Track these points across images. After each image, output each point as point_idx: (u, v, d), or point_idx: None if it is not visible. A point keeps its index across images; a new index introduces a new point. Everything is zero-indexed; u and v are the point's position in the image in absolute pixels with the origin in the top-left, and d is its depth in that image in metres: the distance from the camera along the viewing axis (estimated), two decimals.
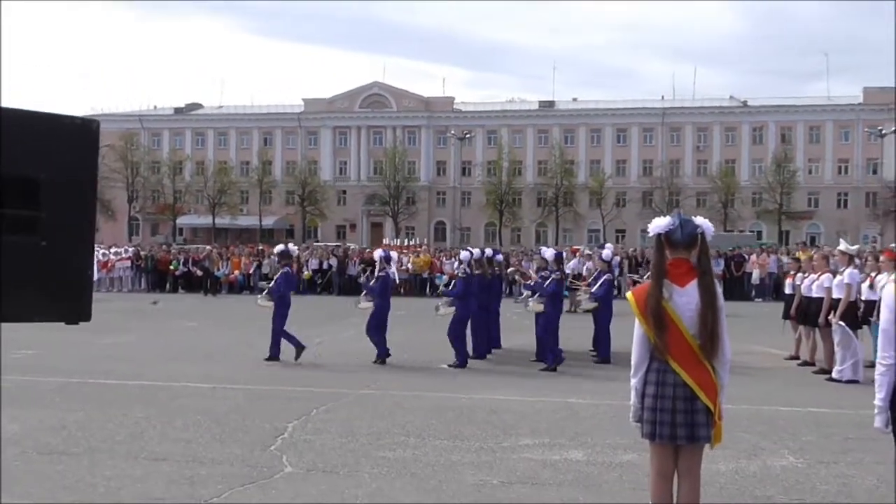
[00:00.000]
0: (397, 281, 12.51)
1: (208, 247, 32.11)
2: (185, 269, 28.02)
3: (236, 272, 28.04)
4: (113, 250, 29.52)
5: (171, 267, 28.25)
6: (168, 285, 28.26)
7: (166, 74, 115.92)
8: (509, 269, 14.21)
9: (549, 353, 10.93)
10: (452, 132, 62.26)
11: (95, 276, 17.55)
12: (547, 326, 10.98)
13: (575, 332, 13.97)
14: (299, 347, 11.49)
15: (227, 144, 70.83)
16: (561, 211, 62.90)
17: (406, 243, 35.90)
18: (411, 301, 24.15)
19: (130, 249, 30.93)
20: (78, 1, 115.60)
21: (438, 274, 26.28)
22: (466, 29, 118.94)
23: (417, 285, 27.47)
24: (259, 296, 12.67)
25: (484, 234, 65.13)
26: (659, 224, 4.00)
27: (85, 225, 2.48)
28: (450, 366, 11.16)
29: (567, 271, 20.53)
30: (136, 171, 66.53)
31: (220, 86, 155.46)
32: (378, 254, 12.40)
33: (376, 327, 11.51)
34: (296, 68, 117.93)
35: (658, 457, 3.95)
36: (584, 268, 19.80)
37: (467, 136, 62.14)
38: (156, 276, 28.58)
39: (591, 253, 21.11)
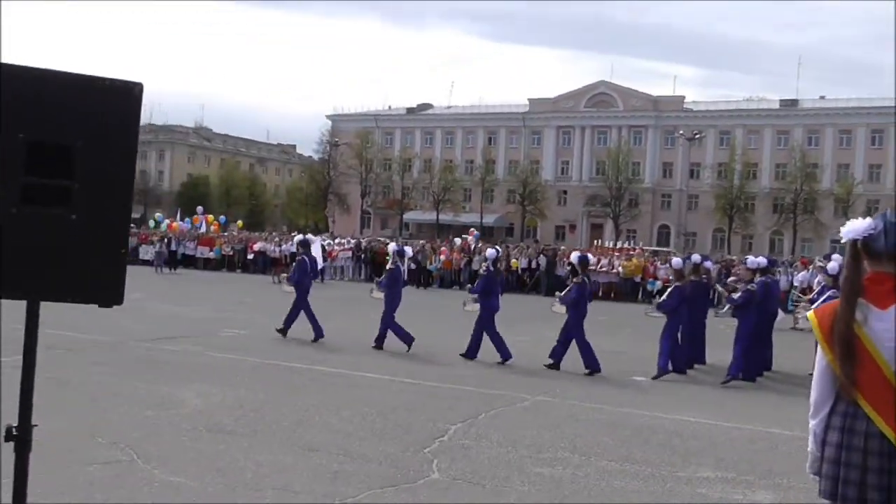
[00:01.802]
0: (406, 276, 13.25)
1: (421, 241, 33.06)
2: None
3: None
4: (337, 241, 31.31)
5: (388, 259, 29.35)
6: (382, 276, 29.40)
7: (403, 76, 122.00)
8: (716, 284, 12.88)
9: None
10: (681, 132, 59.33)
11: (321, 265, 18.52)
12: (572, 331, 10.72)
13: (795, 351, 12.44)
14: (287, 326, 12.56)
15: (453, 143, 72.92)
16: (800, 219, 57.62)
17: (620, 245, 34.58)
18: (618, 307, 23.12)
19: (352, 241, 32.63)
20: (342, 19, 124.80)
21: (651, 279, 24.92)
22: (702, 26, 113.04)
23: (629, 290, 26.27)
24: (283, 283, 13.91)
25: (711, 240, 61.48)
26: (856, 227, 3.11)
27: (122, 198, 2.25)
28: (653, 377, 10.34)
29: (795, 284, 18.58)
30: (370, 167, 70.40)
31: (450, 87, 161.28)
32: (391, 247, 13.21)
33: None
34: (523, 69, 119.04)
35: None
36: (816, 281, 17.71)
37: (697, 136, 58.90)
38: (374, 267, 29.85)
39: (822, 265, 18.87)
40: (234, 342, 12.17)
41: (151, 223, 37.76)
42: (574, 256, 11.56)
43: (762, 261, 10.09)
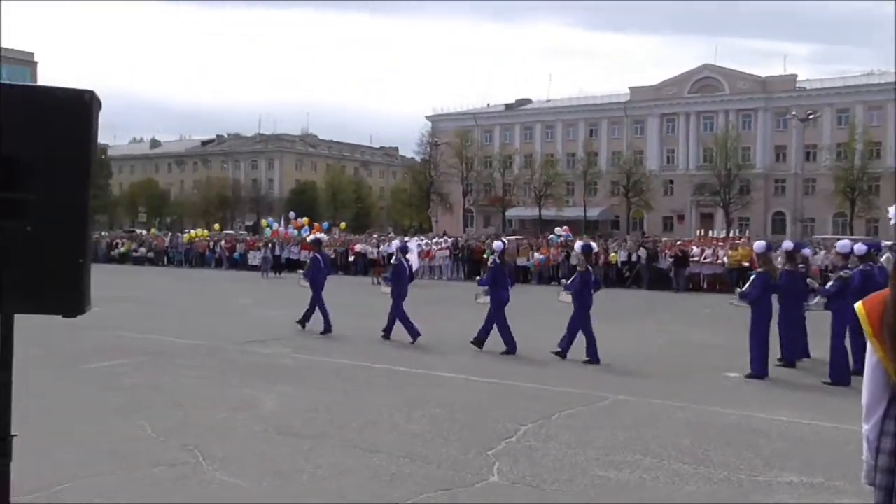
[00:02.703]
0: (414, 269, 14.25)
1: (512, 238, 32.78)
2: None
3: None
4: (435, 240, 31.46)
5: (485, 256, 29.26)
6: (481, 274, 29.33)
7: (500, 72, 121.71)
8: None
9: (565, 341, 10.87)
10: (794, 113, 56.31)
11: (416, 266, 18.88)
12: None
13: None
14: (305, 320, 13.51)
15: (553, 137, 72.10)
16: None
17: (730, 235, 33.15)
18: (723, 298, 22.10)
19: (450, 240, 32.73)
20: (435, 20, 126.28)
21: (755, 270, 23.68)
22: None
23: (734, 281, 25.07)
24: (300, 279, 14.88)
25: (832, 225, 58.07)
26: None
27: (78, 208, 2.23)
28: (746, 376, 9.71)
29: None
30: (470, 165, 70.51)
31: (549, 80, 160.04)
32: (395, 244, 14.74)
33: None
34: (623, 58, 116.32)
35: None
36: None
37: (812, 116, 55.76)
38: (471, 265, 29.87)
39: None
40: (322, 344, 12.37)
41: (267, 231, 39.12)
42: (578, 245, 11.90)
43: (860, 247, 9.28)
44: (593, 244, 12.54)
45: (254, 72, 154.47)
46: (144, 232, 48.35)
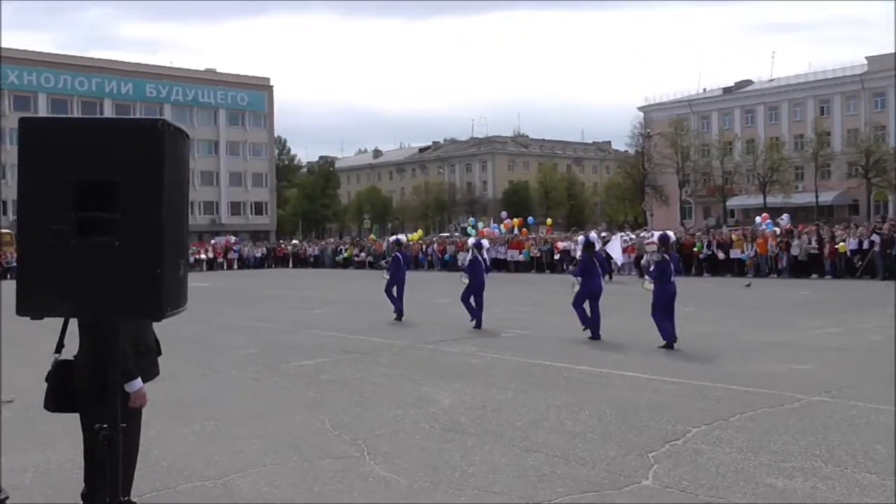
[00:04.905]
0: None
1: (724, 229, 30.85)
2: (710, 252, 27.40)
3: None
4: (641, 234, 30.48)
5: (695, 249, 27.92)
6: (693, 268, 27.98)
7: (716, 56, 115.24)
8: None
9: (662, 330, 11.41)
10: None
11: (621, 261, 19.11)
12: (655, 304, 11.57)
13: None
14: (398, 311, 15.90)
15: (778, 119, 67.25)
16: None
17: None
18: None
19: (657, 234, 31.50)
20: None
21: None
22: None
23: None
24: (383, 272, 17.31)
25: None
26: None
27: (154, 225, 2.50)
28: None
29: None
30: (686, 155, 67.59)
31: (771, 57, 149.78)
32: (470, 242, 16.70)
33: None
34: (857, 26, 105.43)
35: None
36: None
37: None
38: (682, 259, 28.62)
39: None
40: (510, 342, 12.51)
41: (469, 230, 40.28)
42: (656, 235, 12.24)
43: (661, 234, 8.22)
44: (670, 233, 12.68)
45: (466, 78, 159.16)
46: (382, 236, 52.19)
